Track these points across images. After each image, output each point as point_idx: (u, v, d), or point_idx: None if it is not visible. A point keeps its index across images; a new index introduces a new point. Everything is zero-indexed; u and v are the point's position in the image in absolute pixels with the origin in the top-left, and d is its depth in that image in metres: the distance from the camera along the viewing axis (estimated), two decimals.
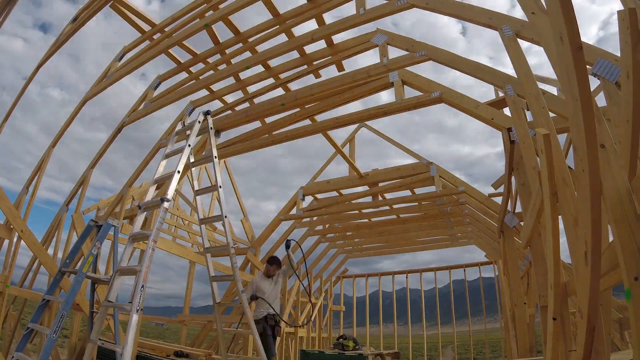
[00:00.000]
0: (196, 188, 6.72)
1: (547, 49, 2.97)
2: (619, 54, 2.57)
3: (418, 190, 10.25)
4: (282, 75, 6.86)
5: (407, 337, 16.51)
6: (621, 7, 2.53)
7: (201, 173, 12.12)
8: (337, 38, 6.19)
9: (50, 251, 8.69)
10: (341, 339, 10.28)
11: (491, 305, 14.47)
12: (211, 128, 5.77)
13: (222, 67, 6.98)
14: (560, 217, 2.79)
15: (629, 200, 1.90)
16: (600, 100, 3.15)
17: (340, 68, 6.47)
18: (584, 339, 2.20)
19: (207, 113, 5.74)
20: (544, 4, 3.32)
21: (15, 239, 7.03)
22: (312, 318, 14.29)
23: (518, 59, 3.91)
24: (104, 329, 6.52)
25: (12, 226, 6.32)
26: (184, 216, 10.61)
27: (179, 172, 4.85)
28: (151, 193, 5.13)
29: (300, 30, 6.30)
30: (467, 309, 14.73)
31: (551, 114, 3.60)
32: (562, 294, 2.79)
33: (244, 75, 6.96)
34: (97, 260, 5.22)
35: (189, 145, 5.13)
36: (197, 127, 5.41)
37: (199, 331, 11.21)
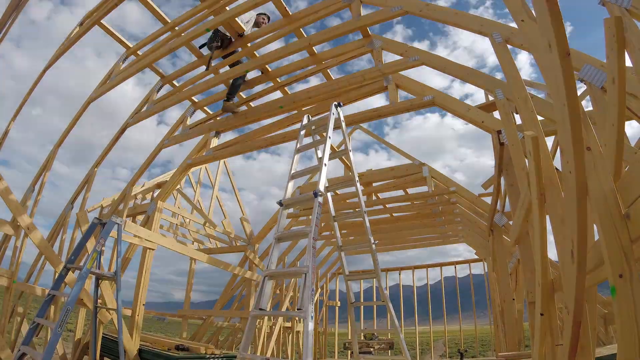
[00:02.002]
0: (198, 189, 6.70)
1: (536, 55, 2.98)
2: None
3: (411, 190, 10.28)
4: (280, 79, 6.92)
5: (400, 332, 16.53)
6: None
7: (201, 173, 12.09)
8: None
9: (56, 248, 8.66)
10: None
11: (480, 301, 14.53)
12: (343, 120, 5.55)
13: (223, 70, 7.01)
14: (547, 216, 2.81)
15: (614, 200, 1.91)
16: (586, 104, 3.17)
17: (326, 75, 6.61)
18: (570, 333, 2.21)
19: (338, 105, 5.50)
20: (533, 12, 3.34)
21: (21, 236, 7.01)
22: None
23: (508, 64, 3.92)
24: (107, 324, 6.51)
25: (18, 223, 6.29)
26: (184, 214, 10.58)
27: (325, 164, 4.57)
28: (290, 189, 4.77)
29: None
30: (458, 304, 14.78)
31: (539, 118, 3.62)
32: (549, 290, 2.80)
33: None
34: (101, 257, 5.21)
35: (329, 137, 4.84)
36: (332, 118, 5.16)
37: (199, 326, 11.21)
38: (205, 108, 8.07)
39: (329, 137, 4.86)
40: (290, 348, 12.85)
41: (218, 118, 7.76)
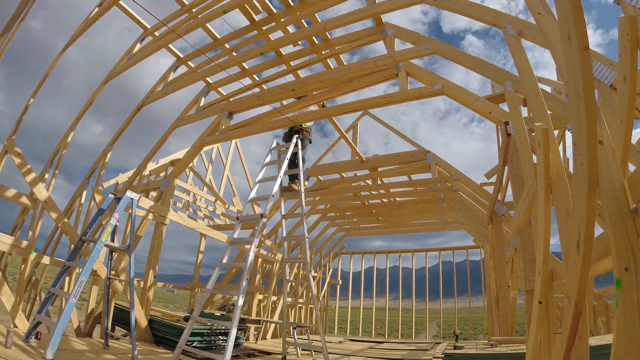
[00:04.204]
0: (210, 168, 6.79)
1: (552, 49, 2.90)
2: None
3: (415, 177, 10.23)
4: (293, 63, 6.83)
5: (398, 311, 16.67)
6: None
7: (213, 154, 12.07)
8: (350, 28, 6.13)
9: (72, 221, 8.71)
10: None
11: (475, 286, 14.58)
12: (300, 149, 7.09)
13: (237, 52, 6.93)
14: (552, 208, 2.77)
15: (623, 195, 1.87)
16: None
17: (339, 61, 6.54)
18: (570, 323, 2.18)
19: (299, 137, 6.84)
20: (549, 5, 3.24)
21: (39, 209, 7.04)
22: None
23: (520, 57, 3.83)
24: (120, 295, 6.57)
25: (36, 197, 6.31)
26: (196, 191, 10.59)
27: (272, 195, 5.63)
28: (253, 192, 6.06)
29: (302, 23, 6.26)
30: (454, 288, 14.84)
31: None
32: (548, 279, 2.78)
33: (257, 61, 6.93)
34: (115, 230, 5.22)
35: (280, 176, 6.02)
36: (292, 144, 6.74)
37: (207, 298, 11.32)
38: (219, 89, 8.00)
39: (280, 176, 6.02)
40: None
41: (231, 99, 7.70)
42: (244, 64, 7.02)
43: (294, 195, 7.76)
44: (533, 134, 3.57)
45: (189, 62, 7.78)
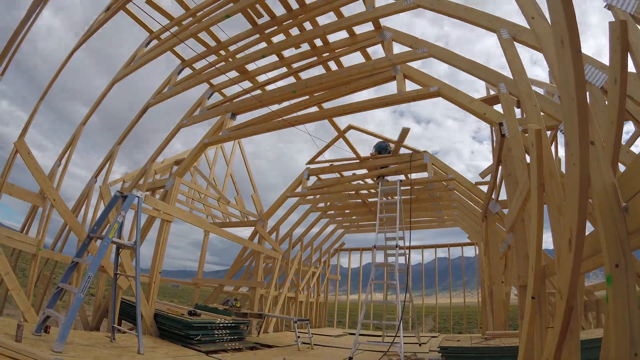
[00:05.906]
0: (213, 167, 6.70)
1: (544, 51, 2.89)
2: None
3: (411, 176, 10.22)
4: (294, 65, 6.83)
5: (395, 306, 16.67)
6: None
7: (217, 153, 12.06)
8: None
9: (80, 219, 8.70)
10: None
11: (470, 281, 14.59)
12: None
13: (240, 55, 6.92)
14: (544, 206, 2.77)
15: (614, 194, 1.87)
16: None
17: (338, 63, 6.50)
18: (562, 317, 2.18)
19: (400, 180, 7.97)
20: (542, 10, 3.24)
21: (48, 207, 7.04)
22: (312, 285, 14.51)
23: (514, 59, 3.83)
24: (126, 290, 6.56)
25: (45, 195, 6.30)
26: (200, 190, 10.59)
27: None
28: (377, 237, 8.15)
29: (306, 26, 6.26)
30: (449, 283, 14.84)
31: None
32: (541, 275, 2.78)
33: (259, 63, 6.92)
34: (122, 227, 5.22)
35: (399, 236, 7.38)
36: (399, 191, 8.20)
37: (211, 293, 11.31)
38: (222, 91, 7.99)
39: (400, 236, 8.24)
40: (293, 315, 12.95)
41: (234, 101, 7.69)
42: (246, 66, 7.02)
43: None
44: (526, 135, 3.57)
45: (193, 65, 7.77)
